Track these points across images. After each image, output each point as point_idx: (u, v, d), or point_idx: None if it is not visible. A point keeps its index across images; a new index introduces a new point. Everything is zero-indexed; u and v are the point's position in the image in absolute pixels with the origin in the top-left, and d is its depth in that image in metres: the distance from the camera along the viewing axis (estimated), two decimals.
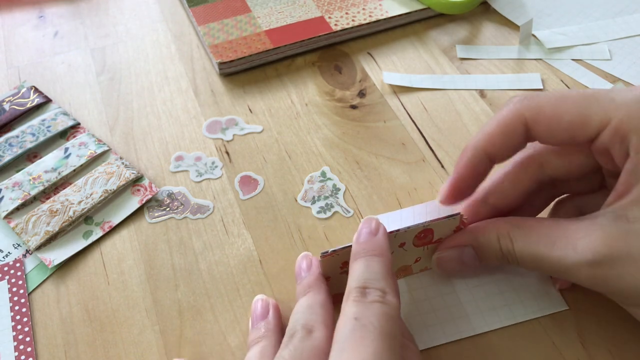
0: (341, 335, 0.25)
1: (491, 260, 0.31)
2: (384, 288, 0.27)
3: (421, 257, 0.33)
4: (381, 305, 0.26)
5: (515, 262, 0.30)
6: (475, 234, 0.32)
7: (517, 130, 0.30)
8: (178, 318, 0.34)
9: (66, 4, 0.55)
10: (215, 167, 0.42)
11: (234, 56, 0.48)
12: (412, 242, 0.31)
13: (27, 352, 0.33)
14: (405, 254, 0.32)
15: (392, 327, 0.25)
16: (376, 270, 0.27)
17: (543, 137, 0.30)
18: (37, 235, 0.37)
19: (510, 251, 0.30)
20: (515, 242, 0.30)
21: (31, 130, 0.43)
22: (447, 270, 0.33)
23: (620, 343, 0.32)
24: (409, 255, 0.32)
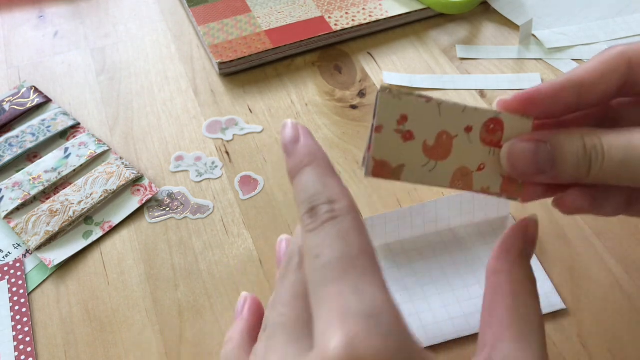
0: (312, 282, 0.22)
1: (569, 166, 0.26)
2: (330, 197, 0.23)
3: (486, 164, 0.27)
4: (333, 222, 0.22)
5: (600, 163, 0.26)
6: (553, 131, 0.27)
7: (619, 65, 0.27)
8: (178, 318, 0.34)
9: (66, 4, 0.55)
10: (215, 167, 0.42)
11: (234, 56, 0.48)
12: (479, 132, 0.27)
13: (27, 352, 0.33)
14: (469, 149, 0.27)
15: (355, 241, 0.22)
16: (314, 181, 0.24)
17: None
18: (37, 235, 0.37)
19: (597, 146, 0.26)
20: (603, 137, 0.26)
21: (31, 130, 0.43)
22: (516, 165, 0.27)
23: (621, 343, 0.32)
24: (474, 152, 0.27)
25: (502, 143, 0.27)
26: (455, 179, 0.27)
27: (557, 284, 0.35)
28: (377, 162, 0.26)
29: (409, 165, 0.26)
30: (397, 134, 0.26)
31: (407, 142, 0.26)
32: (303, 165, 0.24)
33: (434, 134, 0.27)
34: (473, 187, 0.27)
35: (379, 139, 0.26)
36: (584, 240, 0.37)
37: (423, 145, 0.26)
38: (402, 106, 0.26)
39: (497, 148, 0.27)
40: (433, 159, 0.27)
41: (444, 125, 0.27)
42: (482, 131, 0.27)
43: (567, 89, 0.27)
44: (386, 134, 0.26)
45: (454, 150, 0.27)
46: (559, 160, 0.26)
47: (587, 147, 0.26)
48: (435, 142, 0.27)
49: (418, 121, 0.26)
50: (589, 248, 0.36)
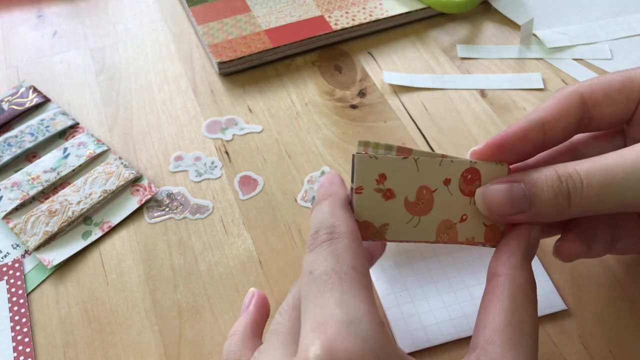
0: (303, 295, 0.24)
1: (546, 200, 0.26)
2: (333, 224, 0.25)
3: (467, 215, 0.28)
4: (329, 243, 0.24)
5: (580, 191, 0.26)
6: (527, 171, 0.27)
7: (573, 101, 0.29)
8: (177, 318, 0.34)
9: (65, 4, 0.55)
10: (215, 167, 0.42)
11: (233, 56, 0.47)
12: (457, 183, 0.28)
13: (25, 353, 0.33)
14: (450, 201, 0.28)
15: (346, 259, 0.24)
16: (325, 211, 0.26)
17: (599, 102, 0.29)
18: (36, 236, 0.37)
19: (574, 175, 0.26)
20: (577, 166, 0.26)
21: (30, 130, 0.43)
22: (492, 208, 0.27)
23: (621, 343, 0.32)
24: (455, 204, 0.28)
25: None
26: (440, 232, 0.28)
27: (558, 284, 0.34)
28: (360, 224, 0.27)
29: (393, 223, 0.27)
30: (378, 193, 0.27)
31: (389, 200, 0.27)
32: (320, 200, 0.27)
33: (414, 190, 0.27)
34: (458, 239, 0.28)
35: (360, 200, 0.27)
36: None
37: (405, 201, 0.27)
38: (379, 165, 0.27)
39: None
40: (416, 214, 0.27)
41: (423, 180, 0.27)
42: (461, 182, 0.28)
43: (533, 129, 0.28)
44: (366, 194, 0.27)
45: (436, 203, 0.27)
46: (534, 196, 0.27)
47: (563, 178, 0.26)
48: (417, 198, 0.27)
49: (397, 178, 0.27)
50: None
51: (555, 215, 0.27)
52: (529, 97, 0.46)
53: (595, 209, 0.26)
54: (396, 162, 0.27)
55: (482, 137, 0.43)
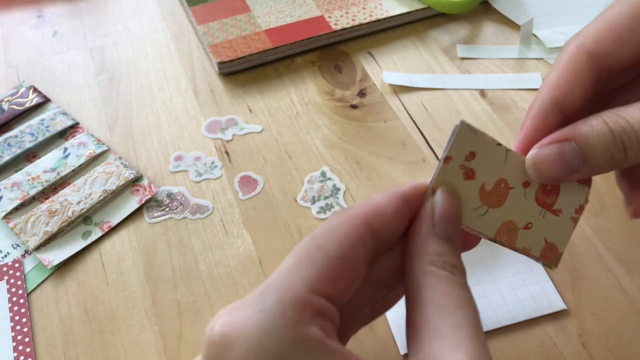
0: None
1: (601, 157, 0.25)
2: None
3: (533, 224, 0.27)
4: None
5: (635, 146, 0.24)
6: (574, 126, 0.25)
7: (580, 62, 0.27)
8: (177, 319, 0.34)
9: (65, 4, 0.55)
10: (215, 167, 0.42)
11: (233, 56, 0.47)
12: (535, 190, 0.27)
13: (26, 353, 0.33)
14: (522, 204, 0.27)
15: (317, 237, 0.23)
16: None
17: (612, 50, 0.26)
18: (36, 236, 0.37)
19: (625, 126, 0.24)
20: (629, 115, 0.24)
21: (30, 130, 0.43)
22: (545, 173, 0.26)
23: (622, 343, 0.32)
24: (525, 209, 0.27)
25: (554, 208, 0.27)
26: (500, 231, 0.27)
27: (558, 284, 0.34)
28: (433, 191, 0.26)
29: (466, 203, 0.26)
30: (461, 170, 0.26)
31: (467, 180, 0.26)
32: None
33: (494, 180, 0.26)
34: (515, 245, 0.27)
35: (444, 170, 0.26)
36: (585, 240, 0.37)
37: (481, 187, 0.26)
38: (475, 142, 0.26)
39: (549, 211, 0.27)
40: (486, 204, 0.26)
41: (505, 174, 0.27)
42: (539, 190, 0.27)
43: (549, 116, 0.27)
44: (452, 167, 0.26)
45: (508, 201, 0.27)
46: (588, 154, 0.25)
47: (615, 132, 0.24)
48: (493, 188, 0.26)
49: (483, 162, 0.26)
50: (590, 248, 0.36)
51: (610, 169, 0.25)
52: (529, 97, 0.46)
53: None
54: (489, 145, 0.26)
55: None
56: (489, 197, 0.26)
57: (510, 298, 0.33)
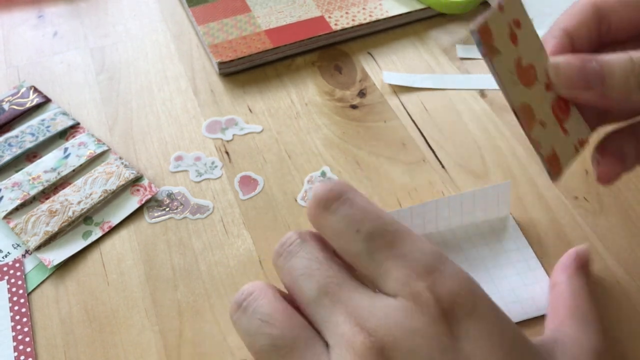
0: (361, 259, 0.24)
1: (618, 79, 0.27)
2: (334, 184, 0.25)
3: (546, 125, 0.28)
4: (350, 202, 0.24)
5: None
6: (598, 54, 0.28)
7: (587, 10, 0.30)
8: (178, 318, 0.34)
9: (65, 4, 0.55)
10: (215, 167, 0.42)
11: (233, 56, 0.47)
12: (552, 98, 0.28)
13: (26, 353, 0.33)
14: (542, 101, 0.28)
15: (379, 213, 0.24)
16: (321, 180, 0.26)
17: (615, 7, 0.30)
18: (37, 236, 0.37)
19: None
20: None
21: (30, 130, 0.43)
22: (564, 79, 0.28)
23: (621, 343, 0.32)
24: (544, 108, 0.28)
25: (564, 126, 0.29)
26: (522, 109, 0.27)
27: None
28: (486, 27, 0.26)
29: (504, 59, 0.26)
30: (508, 28, 0.27)
31: (510, 44, 0.27)
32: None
33: (529, 61, 0.27)
34: (531, 131, 0.28)
35: (496, 15, 0.26)
36: (584, 240, 0.37)
37: (518, 58, 0.27)
38: (522, 14, 0.27)
39: (559, 125, 0.28)
40: (518, 76, 0.27)
41: (537, 63, 0.28)
42: (554, 101, 0.28)
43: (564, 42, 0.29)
44: (502, 18, 0.26)
45: (533, 89, 0.27)
46: (607, 74, 0.27)
47: (636, 61, 0.26)
48: (525, 67, 0.27)
49: (524, 38, 0.27)
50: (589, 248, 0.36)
51: (624, 96, 0.27)
52: None
53: None
54: (532, 28, 0.28)
55: (482, 137, 0.43)
56: (522, 72, 0.27)
57: (510, 298, 0.34)
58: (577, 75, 0.27)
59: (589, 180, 0.40)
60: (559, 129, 0.28)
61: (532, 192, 0.39)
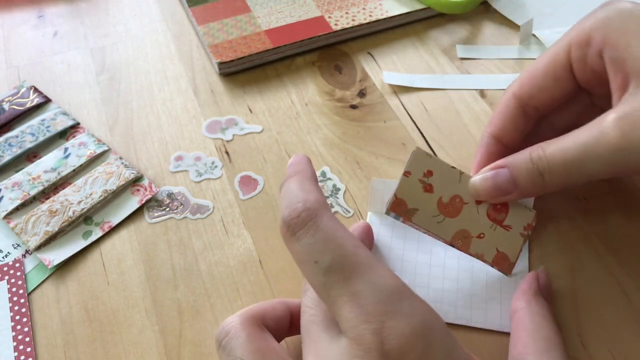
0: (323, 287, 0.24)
1: (525, 181, 0.31)
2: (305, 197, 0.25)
3: (485, 235, 0.32)
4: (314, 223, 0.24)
5: (547, 172, 0.30)
6: (511, 156, 0.32)
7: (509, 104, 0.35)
8: (178, 318, 0.34)
9: (66, 4, 0.55)
10: (215, 167, 0.42)
11: (233, 56, 0.47)
12: (487, 208, 0.32)
13: (26, 353, 0.33)
14: (475, 218, 0.32)
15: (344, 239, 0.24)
16: (293, 188, 0.26)
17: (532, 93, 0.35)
18: (37, 236, 0.37)
19: (542, 157, 0.30)
20: (545, 147, 0.31)
21: (31, 130, 0.43)
22: (482, 193, 0.32)
23: (621, 343, 0.32)
24: (478, 222, 0.32)
25: (505, 224, 0.32)
26: (456, 237, 0.32)
27: (558, 284, 0.35)
28: (397, 199, 0.31)
29: (422, 211, 0.32)
30: (420, 184, 0.32)
31: (426, 193, 0.32)
32: (287, 178, 0.27)
33: (450, 195, 0.32)
34: (469, 250, 0.32)
35: (405, 182, 0.32)
36: (584, 240, 0.37)
37: (438, 200, 0.32)
38: (431, 164, 0.32)
39: (499, 226, 0.32)
40: (443, 214, 0.32)
41: (460, 191, 0.32)
42: (490, 208, 0.32)
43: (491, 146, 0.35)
44: (411, 180, 0.32)
45: (462, 214, 0.32)
46: (517, 179, 0.31)
47: (533, 160, 0.31)
48: (449, 202, 0.32)
49: (440, 180, 0.32)
50: (589, 248, 0.36)
51: (537, 191, 0.32)
52: None
53: (567, 183, 0.31)
54: (445, 168, 0.32)
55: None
56: (446, 208, 0.32)
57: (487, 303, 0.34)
58: (493, 188, 0.32)
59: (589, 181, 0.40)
60: (500, 230, 0.32)
61: None
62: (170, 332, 0.33)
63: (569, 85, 0.34)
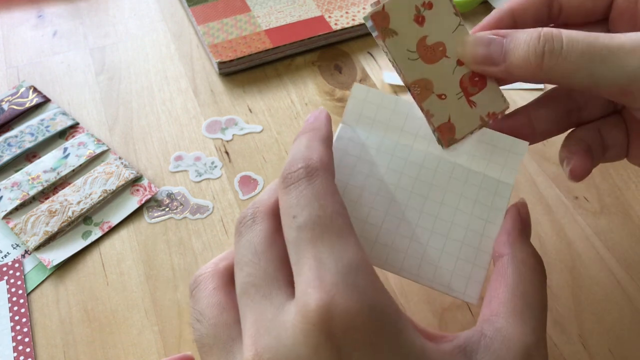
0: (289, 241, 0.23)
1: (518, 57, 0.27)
2: (309, 156, 0.24)
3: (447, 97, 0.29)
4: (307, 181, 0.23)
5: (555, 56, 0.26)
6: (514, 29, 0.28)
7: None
8: (177, 319, 0.34)
9: (65, 4, 0.55)
10: (215, 167, 0.42)
11: (233, 56, 0.47)
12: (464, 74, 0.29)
13: (26, 353, 0.33)
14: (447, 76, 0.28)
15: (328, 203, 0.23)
16: (302, 144, 0.25)
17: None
18: (36, 236, 0.37)
19: (557, 37, 0.26)
20: (564, 31, 0.26)
21: (30, 130, 0.43)
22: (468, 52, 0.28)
23: (622, 343, 0.32)
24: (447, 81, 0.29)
25: (471, 99, 0.29)
26: (417, 83, 0.28)
27: (558, 284, 0.34)
28: (384, 12, 0.27)
29: (400, 38, 0.28)
30: (414, 10, 0.28)
31: (414, 23, 0.28)
32: (301, 133, 0.26)
33: (436, 39, 0.28)
34: (422, 103, 0.29)
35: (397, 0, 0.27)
36: (584, 240, 0.37)
37: (422, 38, 0.28)
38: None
39: (465, 98, 0.29)
40: (419, 53, 0.28)
41: (448, 41, 0.28)
42: (467, 75, 0.29)
43: (503, 18, 0.30)
44: (408, 1, 0.27)
45: (437, 65, 0.28)
46: (510, 51, 0.27)
47: (542, 39, 0.26)
48: (432, 46, 0.28)
49: (435, 18, 0.28)
50: (589, 248, 0.36)
51: (526, 74, 0.27)
52: (529, 97, 0.46)
53: (567, 78, 0.26)
54: (448, 8, 0.28)
55: None
56: (425, 50, 0.28)
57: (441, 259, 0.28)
58: (482, 51, 0.28)
59: (589, 180, 0.40)
60: (464, 102, 0.29)
61: (532, 191, 0.39)
62: (169, 333, 0.33)
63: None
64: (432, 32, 0.28)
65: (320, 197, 0.23)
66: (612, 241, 0.37)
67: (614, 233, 0.37)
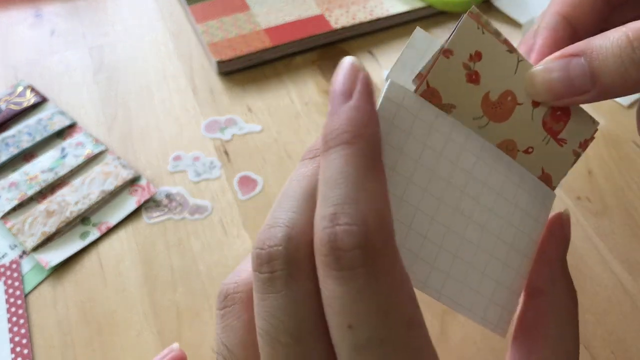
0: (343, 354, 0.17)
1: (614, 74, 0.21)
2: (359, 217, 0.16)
3: (534, 149, 0.24)
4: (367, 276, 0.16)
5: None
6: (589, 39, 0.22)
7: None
8: (176, 320, 0.34)
9: (63, 3, 0.55)
10: (214, 167, 0.41)
11: (232, 55, 0.47)
12: (544, 112, 0.23)
13: (23, 354, 0.32)
14: (527, 125, 0.23)
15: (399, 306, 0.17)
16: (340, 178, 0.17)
17: None
18: (34, 236, 0.37)
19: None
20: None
21: (28, 130, 0.43)
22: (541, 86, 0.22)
23: (623, 344, 0.32)
24: (529, 131, 0.24)
25: (560, 137, 0.24)
26: (500, 147, 0.23)
27: None
28: (430, 88, 0.22)
29: (460, 109, 0.22)
30: (464, 69, 0.22)
31: (470, 84, 0.23)
32: (337, 143, 0.18)
33: (501, 90, 0.23)
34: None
35: (443, 64, 0.22)
36: (586, 240, 0.36)
37: (484, 96, 0.23)
38: (482, 42, 0.22)
39: (553, 139, 0.24)
40: (487, 116, 0.23)
41: (515, 86, 0.23)
42: (548, 113, 0.24)
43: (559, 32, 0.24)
44: (452, 63, 0.22)
45: (513, 118, 0.23)
46: (599, 71, 0.21)
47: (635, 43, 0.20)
48: (498, 100, 0.23)
49: (491, 67, 0.23)
50: (591, 249, 0.36)
51: (626, 91, 0.21)
52: None
53: None
54: (500, 50, 0.23)
55: None
56: (493, 108, 0.23)
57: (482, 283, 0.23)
58: (560, 83, 0.22)
59: (591, 181, 0.40)
60: (552, 144, 0.24)
61: None
62: (168, 334, 0.33)
63: None
64: (492, 85, 0.23)
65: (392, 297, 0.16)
66: (614, 242, 0.36)
67: (616, 234, 0.37)
